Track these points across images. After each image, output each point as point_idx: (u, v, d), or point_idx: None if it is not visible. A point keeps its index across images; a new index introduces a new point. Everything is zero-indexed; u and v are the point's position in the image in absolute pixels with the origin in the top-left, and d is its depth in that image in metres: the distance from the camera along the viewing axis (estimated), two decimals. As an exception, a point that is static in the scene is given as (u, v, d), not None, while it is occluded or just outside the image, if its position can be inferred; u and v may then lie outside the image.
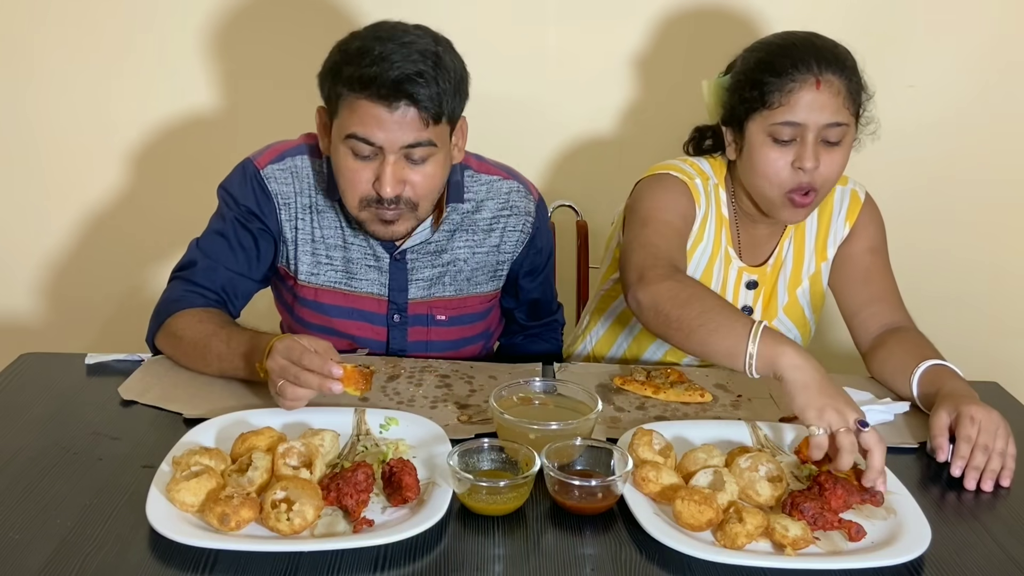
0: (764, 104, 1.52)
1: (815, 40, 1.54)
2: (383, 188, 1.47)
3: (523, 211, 1.70)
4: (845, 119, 1.52)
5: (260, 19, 2.12)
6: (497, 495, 1.15)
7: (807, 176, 1.52)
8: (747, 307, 1.72)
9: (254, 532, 1.09)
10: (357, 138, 1.45)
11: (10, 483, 1.19)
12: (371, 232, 1.56)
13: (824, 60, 1.50)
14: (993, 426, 1.32)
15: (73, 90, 2.17)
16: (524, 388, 1.39)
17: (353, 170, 1.49)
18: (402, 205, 1.51)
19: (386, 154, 1.46)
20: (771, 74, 1.51)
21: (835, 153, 1.53)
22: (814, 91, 1.49)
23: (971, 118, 2.18)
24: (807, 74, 1.49)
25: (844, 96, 1.51)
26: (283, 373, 1.29)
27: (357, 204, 1.52)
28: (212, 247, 1.62)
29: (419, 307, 1.69)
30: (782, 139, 1.52)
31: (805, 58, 1.50)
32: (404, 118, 1.43)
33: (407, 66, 1.41)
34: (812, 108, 1.50)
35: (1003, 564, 1.12)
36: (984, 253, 2.29)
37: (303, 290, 1.67)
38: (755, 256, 1.73)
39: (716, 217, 1.69)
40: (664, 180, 1.67)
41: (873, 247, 1.70)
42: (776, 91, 1.51)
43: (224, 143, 1.99)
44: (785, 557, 1.09)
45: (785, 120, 1.51)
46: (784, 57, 1.52)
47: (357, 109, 1.44)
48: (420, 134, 1.45)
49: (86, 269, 2.32)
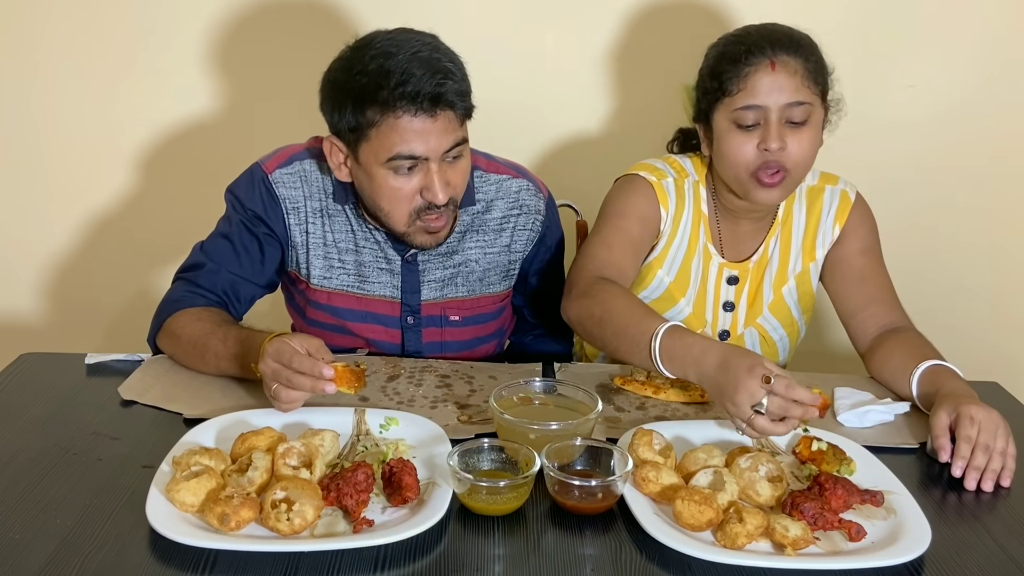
0: (724, 92, 1.54)
1: (769, 26, 1.57)
2: (436, 196, 1.47)
3: (533, 209, 1.71)
4: (806, 98, 1.52)
5: (267, 24, 2.12)
6: (497, 495, 1.15)
7: (773, 156, 1.53)
8: (729, 303, 1.72)
9: (254, 532, 1.09)
10: (402, 157, 1.44)
11: (10, 483, 1.19)
12: (418, 244, 1.56)
13: (777, 43, 1.52)
14: (993, 426, 1.32)
15: (80, 93, 2.17)
16: (524, 388, 1.39)
17: (399, 188, 1.48)
18: (450, 206, 1.52)
19: (430, 162, 1.46)
20: (727, 62, 1.54)
21: (802, 133, 1.54)
22: (770, 73, 1.51)
23: (971, 117, 2.17)
24: (761, 57, 1.51)
25: (802, 75, 1.52)
26: (275, 376, 1.29)
27: (406, 220, 1.51)
28: (216, 250, 1.62)
29: (432, 308, 1.69)
30: (746, 124, 1.54)
31: (758, 42, 1.52)
32: (446, 124, 1.44)
33: (436, 75, 1.41)
34: (771, 89, 1.51)
35: (1003, 564, 1.12)
36: (984, 253, 2.28)
37: (316, 294, 1.67)
38: (738, 252, 1.72)
39: (693, 214, 1.69)
40: (630, 183, 1.69)
41: (865, 248, 1.70)
42: (734, 78, 1.52)
43: (230, 147, 1.99)
44: (785, 557, 1.09)
45: (745, 104, 1.52)
46: (738, 44, 1.54)
47: (398, 129, 1.42)
48: (457, 134, 1.47)
49: (91, 271, 2.32)
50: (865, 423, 1.45)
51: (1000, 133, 2.19)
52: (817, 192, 1.71)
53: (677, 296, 1.71)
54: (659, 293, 1.71)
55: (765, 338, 1.74)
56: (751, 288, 1.72)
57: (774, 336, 1.74)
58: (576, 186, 2.06)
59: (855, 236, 1.70)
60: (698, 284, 1.71)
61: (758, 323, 1.72)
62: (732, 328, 1.73)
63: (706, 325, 1.72)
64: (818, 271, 1.73)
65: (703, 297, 1.71)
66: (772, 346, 1.75)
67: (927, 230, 2.26)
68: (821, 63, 1.56)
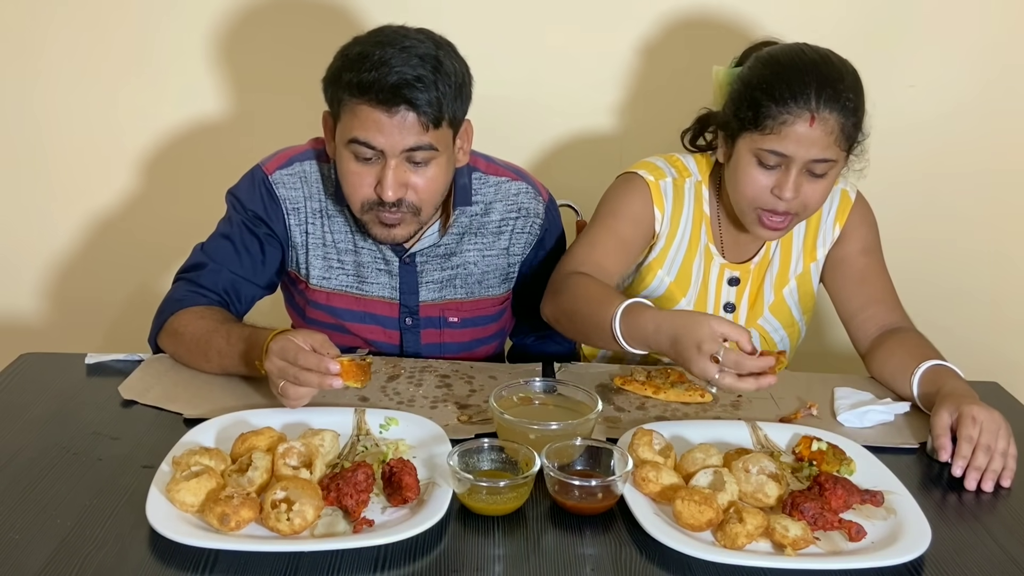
0: (756, 126, 1.49)
1: (821, 67, 1.49)
2: (384, 192, 1.47)
3: (532, 213, 1.71)
4: (834, 155, 1.49)
5: (270, 25, 2.12)
6: (497, 495, 1.15)
7: (783, 204, 1.52)
8: (729, 304, 1.71)
9: (254, 532, 1.09)
10: (358, 142, 1.45)
11: (10, 483, 1.19)
12: (373, 235, 1.56)
13: (823, 95, 1.46)
14: (995, 427, 1.32)
15: (82, 94, 2.17)
16: (524, 388, 1.39)
17: (355, 173, 1.49)
18: (404, 208, 1.51)
19: (387, 158, 1.46)
20: (769, 98, 1.48)
21: (817, 184, 1.52)
22: (807, 126, 1.46)
23: (971, 118, 2.17)
24: (803, 108, 1.46)
25: (837, 135, 1.47)
26: (282, 374, 1.30)
27: (360, 207, 1.52)
28: (217, 250, 1.62)
29: (431, 310, 1.69)
30: (767, 164, 1.51)
31: (805, 90, 1.46)
32: (404, 122, 1.43)
33: (406, 71, 1.41)
34: (801, 143, 1.47)
35: (1003, 564, 1.12)
36: (985, 253, 2.28)
37: (315, 294, 1.67)
38: (739, 253, 1.72)
39: (695, 214, 1.69)
40: (628, 182, 1.69)
41: (866, 248, 1.69)
42: (769, 118, 1.47)
43: (232, 149, 1.99)
44: (785, 557, 1.09)
45: (773, 148, 1.49)
46: (785, 84, 1.47)
47: (358, 114, 1.44)
48: (420, 138, 1.45)
49: (91, 271, 2.32)
50: (865, 423, 1.45)
51: (1000, 134, 2.19)
52: None
53: (678, 296, 1.71)
54: (660, 292, 1.71)
55: (766, 339, 1.73)
56: (752, 289, 1.72)
57: (775, 337, 1.74)
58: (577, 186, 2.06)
59: (856, 236, 1.69)
60: (699, 285, 1.71)
61: (759, 324, 1.72)
62: None
63: None
64: (819, 271, 1.73)
65: (704, 298, 1.71)
66: (772, 346, 1.74)
67: (927, 231, 2.26)
68: (860, 121, 1.51)
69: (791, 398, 1.52)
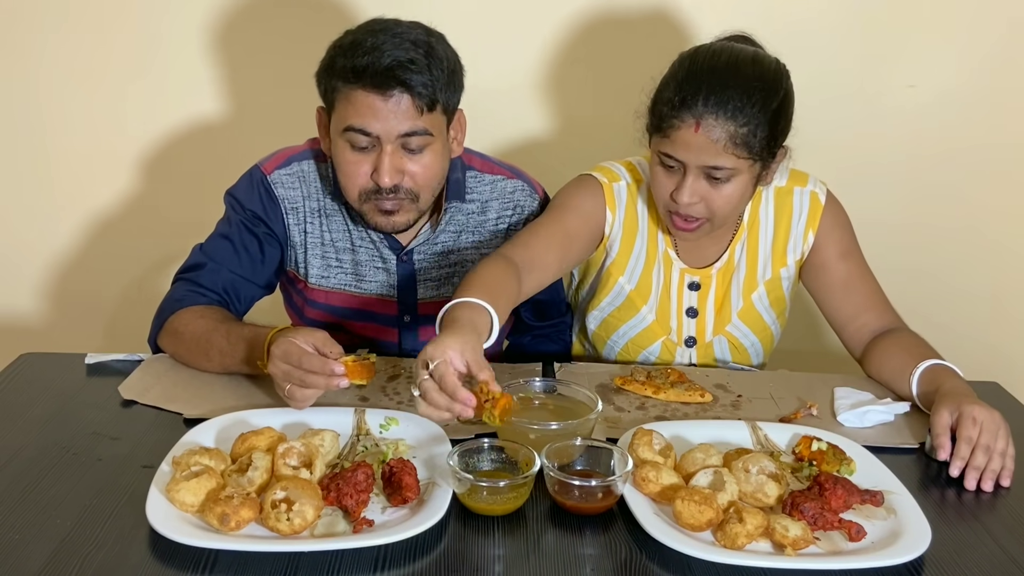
0: (656, 129, 1.51)
1: (718, 74, 1.45)
2: (381, 178, 1.48)
3: (527, 210, 1.71)
4: (728, 163, 1.46)
5: (269, 26, 2.12)
6: (497, 495, 1.15)
7: (683, 208, 1.51)
8: (692, 308, 1.70)
9: (254, 532, 1.09)
10: (354, 129, 1.46)
11: (10, 483, 1.19)
12: (373, 224, 1.56)
13: (710, 102, 1.43)
14: (995, 427, 1.32)
15: (82, 94, 2.17)
16: (524, 388, 1.39)
17: (351, 162, 1.50)
18: (402, 195, 1.51)
19: (383, 144, 1.47)
20: (664, 102, 1.48)
21: (723, 189, 1.49)
22: (692, 132, 1.44)
23: (971, 117, 2.17)
24: (687, 114, 1.44)
25: (725, 143, 1.43)
26: (287, 377, 1.30)
27: (357, 197, 1.53)
28: (216, 250, 1.62)
29: (429, 308, 1.69)
30: (667, 166, 1.52)
31: (693, 95, 1.44)
32: (398, 106, 1.44)
33: (399, 54, 1.42)
34: (690, 148, 1.46)
35: (1003, 564, 1.12)
36: (985, 253, 2.28)
37: (313, 293, 1.67)
38: (699, 258, 1.69)
39: (649, 220, 1.68)
40: (581, 180, 1.69)
41: (844, 252, 1.67)
42: (663, 120, 1.48)
43: (231, 149, 1.99)
44: (785, 557, 1.09)
45: (666, 151, 1.49)
46: (676, 88, 1.47)
47: (353, 100, 1.45)
48: (415, 122, 1.46)
49: (92, 271, 2.32)
50: (865, 423, 1.45)
51: (1000, 133, 2.19)
52: (785, 194, 1.67)
53: (639, 304, 1.70)
54: (620, 301, 1.71)
55: (736, 346, 1.72)
56: (717, 294, 1.70)
57: (745, 343, 1.72)
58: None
59: (831, 241, 1.67)
60: (660, 291, 1.70)
61: (727, 331, 1.70)
62: (699, 335, 1.71)
63: (671, 332, 1.71)
64: (790, 276, 1.70)
65: (666, 304, 1.70)
66: (744, 353, 1.73)
67: (927, 229, 2.26)
68: (764, 126, 1.45)
69: (791, 398, 1.52)
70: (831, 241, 1.67)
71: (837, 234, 1.67)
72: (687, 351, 1.71)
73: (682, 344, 1.71)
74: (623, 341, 1.72)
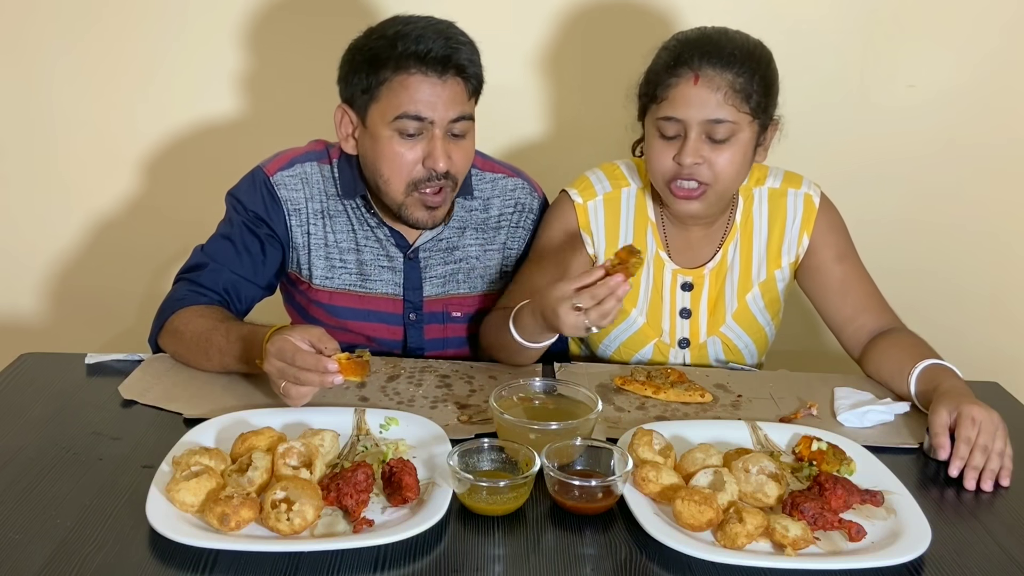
0: (652, 99, 1.53)
1: (711, 35, 1.52)
2: (437, 163, 1.50)
3: (527, 208, 1.72)
4: (729, 116, 1.48)
5: (275, 28, 2.12)
6: (497, 495, 1.15)
7: (687, 170, 1.52)
8: (685, 309, 1.69)
9: (254, 532, 1.09)
10: (408, 116, 1.48)
11: (10, 483, 1.19)
12: (413, 220, 1.57)
13: (707, 55, 1.48)
14: (993, 427, 1.32)
15: (87, 96, 2.18)
16: (524, 388, 1.39)
17: (400, 153, 1.51)
18: (448, 181, 1.53)
19: (435, 129, 1.49)
20: (658, 69, 1.52)
21: (724, 151, 1.51)
22: (691, 85, 1.48)
23: (971, 117, 2.17)
24: (686, 69, 1.48)
25: (726, 92, 1.47)
26: (282, 375, 1.30)
27: (404, 189, 1.54)
28: (218, 250, 1.63)
29: (434, 305, 1.70)
30: (667, 135, 1.52)
31: (688, 52, 1.49)
32: (454, 91, 1.48)
33: (450, 42, 1.46)
34: (690, 104, 1.48)
35: (1003, 564, 1.12)
36: (985, 252, 2.28)
37: (317, 294, 1.68)
38: (691, 258, 1.69)
39: (636, 222, 1.68)
40: (556, 208, 1.71)
41: (839, 255, 1.67)
42: (660, 85, 1.51)
43: (233, 150, 1.99)
44: (785, 557, 1.09)
45: (666, 115, 1.51)
46: (671, 52, 1.52)
47: (408, 86, 1.47)
48: (464, 107, 1.50)
49: (93, 272, 2.32)
50: (865, 423, 1.45)
51: (1000, 133, 2.19)
52: (779, 195, 1.67)
53: (628, 307, 1.69)
54: None
55: (729, 347, 1.71)
56: (711, 296, 1.70)
57: (739, 344, 1.71)
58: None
59: (826, 243, 1.66)
60: (650, 292, 1.69)
61: (721, 332, 1.70)
62: (693, 336, 1.70)
63: (662, 334, 1.70)
64: (784, 279, 1.70)
65: (658, 305, 1.70)
66: (737, 354, 1.73)
67: (927, 229, 2.26)
68: (759, 80, 1.50)
69: (791, 398, 1.52)
70: (826, 244, 1.67)
71: (832, 237, 1.67)
72: (680, 352, 1.71)
73: (675, 345, 1.71)
74: (615, 344, 1.72)
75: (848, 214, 1.72)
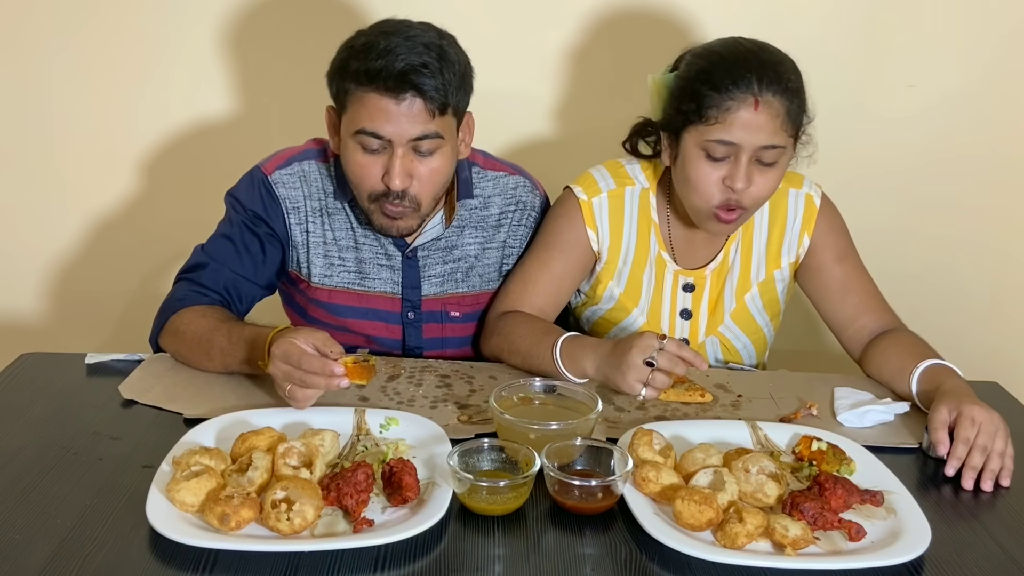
0: (701, 118, 1.47)
1: (760, 54, 1.47)
2: (391, 180, 1.48)
3: (528, 206, 1.72)
4: (782, 141, 1.47)
5: (275, 27, 2.12)
6: (497, 495, 1.15)
7: (736, 195, 1.50)
8: (686, 310, 1.69)
9: (254, 532, 1.09)
10: (366, 132, 1.46)
11: (10, 483, 1.19)
12: (377, 226, 1.57)
13: (766, 78, 1.44)
14: (993, 428, 1.32)
15: (85, 95, 2.18)
16: (524, 388, 1.39)
17: (362, 165, 1.50)
18: (407, 203, 1.52)
19: (395, 147, 1.47)
20: (710, 87, 1.46)
21: (768, 174, 1.50)
22: (752, 111, 1.44)
23: (971, 117, 2.17)
24: (746, 92, 1.43)
25: (783, 119, 1.45)
26: (287, 378, 1.30)
27: (366, 199, 1.54)
28: (218, 250, 1.63)
29: (433, 304, 1.70)
30: (715, 156, 1.48)
31: (746, 75, 1.44)
32: (411, 110, 1.44)
33: (412, 58, 1.42)
34: (748, 129, 1.45)
35: (1003, 564, 1.12)
36: (984, 253, 2.28)
37: (316, 292, 1.68)
38: (693, 259, 1.69)
39: (640, 222, 1.67)
40: (561, 206, 1.69)
41: (840, 255, 1.66)
42: (713, 107, 1.45)
43: (234, 150, 1.99)
44: (785, 557, 1.09)
45: (719, 138, 1.46)
46: (725, 71, 1.45)
47: (365, 103, 1.45)
48: (427, 126, 1.46)
49: (93, 272, 2.32)
50: (865, 423, 1.45)
51: (1000, 133, 2.19)
52: (780, 195, 1.66)
53: (629, 307, 1.69)
54: (611, 305, 1.71)
55: (727, 347, 1.72)
56: (711, 296, 1.69)
57: (737, 344, 1.71)
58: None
59: (827, 244, 1.66)
60: (651, 293, 1.69)
61: (720, 332, 1.70)
62: (692, 336, 1.70)
63: None
64: (784, 279, 1.70)
65: (658, 306, 1.70)
66: (735, 355, 1.73)
67: (926, 230, 2.26)
68: (803, 104, 1.50)
69: (791, 398, 1.52)
70: (827, 244, 1.66)
71: (832, 237, 1.67)
72: None
73: None
74: None
75: (849, 221, 1.71)
